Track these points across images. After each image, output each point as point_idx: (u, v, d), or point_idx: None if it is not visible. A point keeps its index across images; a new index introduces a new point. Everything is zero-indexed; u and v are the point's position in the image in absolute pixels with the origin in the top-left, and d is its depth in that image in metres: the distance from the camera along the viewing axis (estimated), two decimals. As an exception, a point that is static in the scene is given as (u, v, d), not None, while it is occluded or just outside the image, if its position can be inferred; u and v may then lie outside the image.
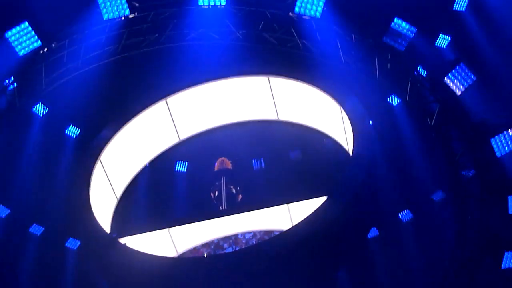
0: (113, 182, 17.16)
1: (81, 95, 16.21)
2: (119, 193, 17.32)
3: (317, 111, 16.32)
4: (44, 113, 16.35)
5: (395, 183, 14.53)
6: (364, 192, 13.41)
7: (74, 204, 16.07)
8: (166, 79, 17.31)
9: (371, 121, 15.26)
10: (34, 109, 16.22)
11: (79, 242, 15.17)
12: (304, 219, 13.13)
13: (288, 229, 13.39)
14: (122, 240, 14.65)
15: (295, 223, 14.13)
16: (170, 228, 15.34)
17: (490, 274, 13.71)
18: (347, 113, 14.96)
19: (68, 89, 15.51)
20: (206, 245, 16.34)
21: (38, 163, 16.65)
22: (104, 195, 16.80)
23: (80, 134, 17.13)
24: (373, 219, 13.65)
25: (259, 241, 15.14)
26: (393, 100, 15.04)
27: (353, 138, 14.29)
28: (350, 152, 15.60)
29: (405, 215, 15.04)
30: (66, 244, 15.51)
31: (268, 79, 16.58)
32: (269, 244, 13.30)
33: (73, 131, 17.21)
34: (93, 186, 16.20)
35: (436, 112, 13.90)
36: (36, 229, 16.07)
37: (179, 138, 17.90)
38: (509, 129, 13.89)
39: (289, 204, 14.63)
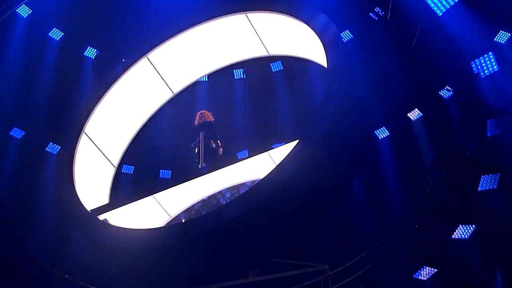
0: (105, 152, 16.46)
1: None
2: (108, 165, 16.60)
3: (300, 39, 15.85)
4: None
5: (372, 103, 14.38)
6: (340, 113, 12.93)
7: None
8: (139, 34, 17.19)
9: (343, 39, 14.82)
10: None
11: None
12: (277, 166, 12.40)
13: (260, 181, 12.45)
14: (103, 216, 13.88)
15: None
16: (157, 195, 14.49)
17: (466, 197, 13.81)
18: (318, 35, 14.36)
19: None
20: (196, 205, 15.58)
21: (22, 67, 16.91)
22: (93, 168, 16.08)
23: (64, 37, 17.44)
24: (351, 138, 13.39)
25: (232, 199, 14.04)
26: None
27: (327, 63, 13.76)
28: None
29: (382, 132, 15.19)
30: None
31: (247, 16, 15.87)
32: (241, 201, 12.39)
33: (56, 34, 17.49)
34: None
35: (417, 33, 13.86)
36: (17, 133, 16.72)
37: (172, 92, 17.10)
38: (490, 53, 13.95)
39: (271, 152, 13.68)
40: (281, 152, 12.81)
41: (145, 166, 16.64)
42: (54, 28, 17.68)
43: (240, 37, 16.06)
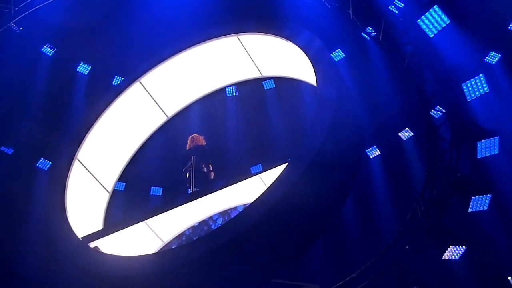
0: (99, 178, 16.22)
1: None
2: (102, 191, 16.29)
3: (291, 59, 15.71)
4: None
5: (364, 122, 14.36)
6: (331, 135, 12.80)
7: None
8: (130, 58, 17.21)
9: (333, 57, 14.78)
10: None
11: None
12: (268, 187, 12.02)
13: (250, 204, 12.09)
14: (94, 244, 13.47)
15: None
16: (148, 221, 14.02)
17: (457, 218, 13.85)
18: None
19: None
20: (187, 231, 15.38)
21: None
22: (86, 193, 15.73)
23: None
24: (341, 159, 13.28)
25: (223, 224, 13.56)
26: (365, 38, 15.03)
27: (316, 82, 13.64)
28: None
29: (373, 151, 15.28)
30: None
31: (238, 38, 15.73)
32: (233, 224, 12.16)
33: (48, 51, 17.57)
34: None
35: (408, 54, 13.94)
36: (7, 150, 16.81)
37: (166, 116, 16.90)
38: (481, 75, 14.06)
39: (262, 175, 13.28)
40: (272, 175, 12.69)
41: (139, 190, 16.58)
42: (47, 44, 17.70)
43: (232, 59, 15.98)
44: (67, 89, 18.08)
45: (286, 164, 12.02)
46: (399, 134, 15.67)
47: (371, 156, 15.79)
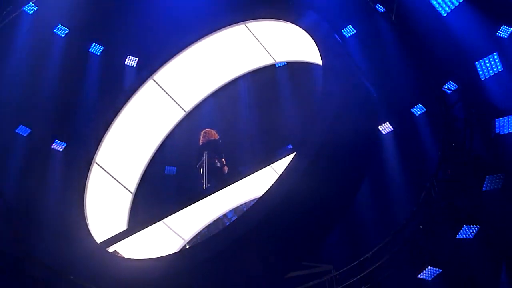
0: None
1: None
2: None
3: (300, 42, 15.49)
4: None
5: (374, 100, 14.18)
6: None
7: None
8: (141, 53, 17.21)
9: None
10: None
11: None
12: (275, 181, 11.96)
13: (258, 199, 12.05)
14: (113, 248, 13.43)
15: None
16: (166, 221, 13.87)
17: (471, 197, 13.84)
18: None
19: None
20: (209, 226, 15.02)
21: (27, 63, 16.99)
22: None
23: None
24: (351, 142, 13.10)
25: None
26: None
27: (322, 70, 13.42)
28: None
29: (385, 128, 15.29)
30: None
31: (246, 26, 15.45)
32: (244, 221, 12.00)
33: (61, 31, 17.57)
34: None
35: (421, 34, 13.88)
36: (23, 130, 16.81)
37: (184, 111, 16.67)
38: (494, 53, 13.96)
39: (275, 166, 13.06)
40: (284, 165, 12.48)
41: (160, 187, 16.63)
42: (59, 25, 17.72)
43: (244, 48, 15.78)
44: (79, 70, 18.15)
45: (293, 154, 11.86)
46: (412, 110, 15.58)
47: (383, 133, 15.73)
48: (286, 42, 15.04)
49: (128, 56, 17.72)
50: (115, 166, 15.40)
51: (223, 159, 14.67)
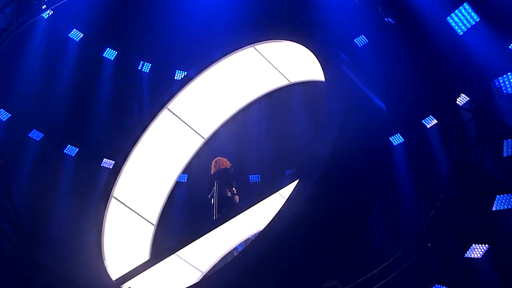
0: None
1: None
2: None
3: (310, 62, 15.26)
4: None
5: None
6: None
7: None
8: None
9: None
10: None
11: None
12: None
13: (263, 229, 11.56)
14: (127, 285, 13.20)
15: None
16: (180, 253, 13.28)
17: (481, 216, 13.82)
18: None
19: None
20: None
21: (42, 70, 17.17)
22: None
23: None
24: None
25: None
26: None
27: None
28: None
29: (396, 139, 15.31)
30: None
31: (255, 48, 15.19)
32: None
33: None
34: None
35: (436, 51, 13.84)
36: (36, 135, 17.10)
37: (203, 138, 16.49)
38: (509, 73, 13.92)
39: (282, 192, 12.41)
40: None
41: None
42: (74, 29, 17.83)
43: (256, 71, 15.61)
44: (93, 75, 18.24)
45: (297, 180, 11.55)
46: (423, 122, 15.58)
47: (394, 144, 15.71)
48: (298, 62, 14.85)
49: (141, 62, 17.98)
50: (134, 199, 15.23)
51: (233, 188, 14.38)
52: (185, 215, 16.89)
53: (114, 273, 13.14)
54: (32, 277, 13.20)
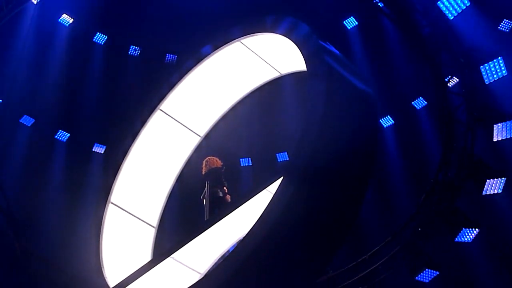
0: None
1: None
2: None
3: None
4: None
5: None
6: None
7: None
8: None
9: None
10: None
11: None
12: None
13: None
14: None
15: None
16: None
17: (470, 201, 13.86)
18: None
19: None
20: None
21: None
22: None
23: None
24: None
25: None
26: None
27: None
28: None
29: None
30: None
31: (241, 42, 15.08)
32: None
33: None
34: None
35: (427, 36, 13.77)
36: (27, 120, 16.89)
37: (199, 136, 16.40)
38: (499, 58, 13.89)
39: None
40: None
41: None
42: (64, 14, 17.67)
43: (246, 65, 15.53)
44: (84, 60, 18.13)
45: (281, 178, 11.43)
46: (413, 103, 15.58)
47: (384, 126, 15.68)
48: (286, 53, 14.76)
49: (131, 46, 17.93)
50: (132, 202, 15.15)
51: (225, 188, 14.29)
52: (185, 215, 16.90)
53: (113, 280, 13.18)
54: (25, 266, 13.19)
